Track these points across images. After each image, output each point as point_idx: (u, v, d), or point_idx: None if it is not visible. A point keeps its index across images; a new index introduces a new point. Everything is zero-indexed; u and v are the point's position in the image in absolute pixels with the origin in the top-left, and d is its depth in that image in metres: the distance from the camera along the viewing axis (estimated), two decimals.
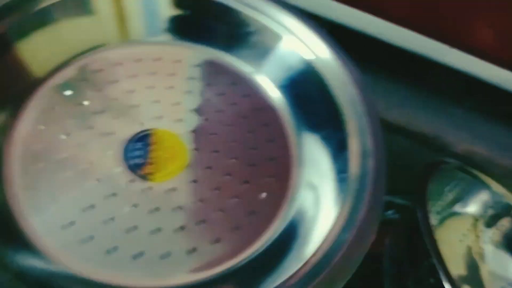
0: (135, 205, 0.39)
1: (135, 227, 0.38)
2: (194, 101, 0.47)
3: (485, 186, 0.61)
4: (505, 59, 0.67)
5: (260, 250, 0.39)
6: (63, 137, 0.41)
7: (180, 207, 0.40)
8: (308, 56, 0.51)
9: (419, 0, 0.66)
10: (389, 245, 0.55)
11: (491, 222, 0.61)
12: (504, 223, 0.61)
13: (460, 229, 0.61)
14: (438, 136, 0.77)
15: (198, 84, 0.49)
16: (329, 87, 0.48)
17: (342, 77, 0.48)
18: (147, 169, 0.41)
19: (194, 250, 0.38)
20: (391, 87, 0.83)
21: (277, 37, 0.52)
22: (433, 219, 0.59)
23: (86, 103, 0.44)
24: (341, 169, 0.43)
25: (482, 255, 0.59)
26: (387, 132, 0.78)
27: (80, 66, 0.46)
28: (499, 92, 0.72)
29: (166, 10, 0.51)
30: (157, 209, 0.39)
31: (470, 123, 0.81)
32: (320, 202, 0.43)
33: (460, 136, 0.78)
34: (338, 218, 0.39)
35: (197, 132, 0.45)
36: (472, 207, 0.61)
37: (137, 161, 0.41)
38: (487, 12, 0.65)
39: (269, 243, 0.40)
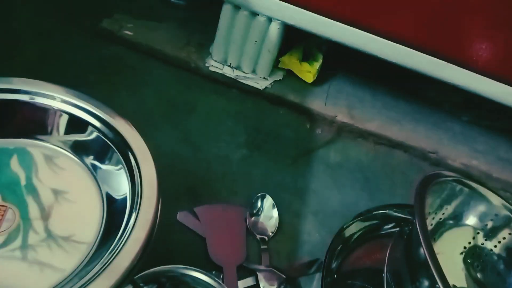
0: None
1: None
2: None
3: (484, 198, 0.61)
4: (502, 74, 0.68)
5: None
6: None
7: None
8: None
9: (419, 19, 0.68)
10: (389, 258, 0.55)
11: (491, 234, 0.62)
12: (505, 235, 0.62)
13: (460, 241, 0.61)
14: (437, 151, 0.78)
15: None
16: None
17: None
18: None
19: None
20: (390, 103, 0.84)
21: None
22: (433, 232, 0.60)
23: None
24: None
25: (482, 268, 0.60)
26: (387, 146, 0.79)
27: None
28: (497, 106, 0.73)
29: None
30: None
31: (468, 137, 0.82)
32: None
33: (459, 150, 0.79)
34: None
35: None
36: (472, 220, 0.62)
37: None
38: (485, 29, 0.66)
39: None
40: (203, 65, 0.79)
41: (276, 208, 0.62)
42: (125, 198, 0.42)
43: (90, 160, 0.47)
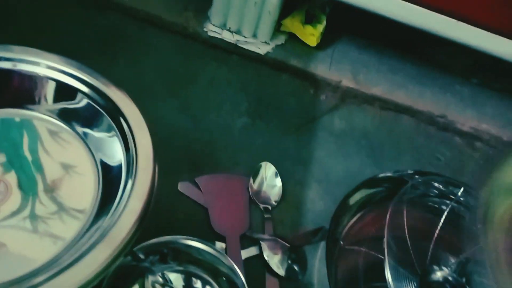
0: None
1: None
2: None
3: None
4: None
5: None
6: None
7: None
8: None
9: None
10: (389, 224, 0.55)
11: None
12: None
13: None
14: (445, 115, 0.75)
15: None
16: None
17: None
18: None
19: None
20: (396, 66, 0.81)
21: None
22: None
23: None
24: None
25: None
26: (393, 111, 0.77)
27: None
28: (507, 66, 0.70)
29: None
30: None
31: (477, 100, 0.79)
32: None
33: (467, 114, 0.77)
34: None
35: None
36: None
37: None
38: None
39: None
40: (202, 30, 0.76)
41: (279, 177, 0.61)
42: (120, 166, 0.41)
43: (81, 127, 0.45)
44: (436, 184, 0.57)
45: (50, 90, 0.46)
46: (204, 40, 0.76)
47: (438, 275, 0.50)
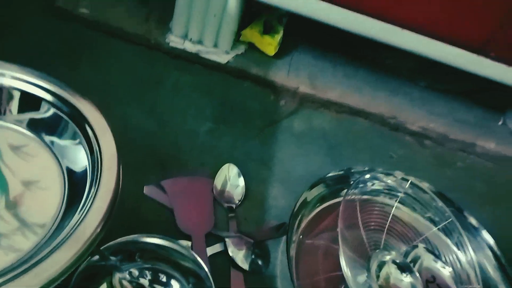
0: None
1: None
2: None
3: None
4: (454, 37, 0.71)
5: None
6: None
7: None
8: None
9: None
10: (341, 217, 0.58)
11: None
12: None
13: None
14: (395, 116, 0.81)
15: None
16: None
17: None
18: None
19: None
20: (350, 72, 0.86)
21: None
22: None
23: None
24: None
25: None
26: (348, 114, 0.82)
27: None
28: (451, 70, 0.76)
29: None
30: None
31: (425, 101, 0.85)
32: None
33: (417, 114, 0.82)
34: None
35: None
36: None
37: None
38: None
39: None
40: (164, 41, 0.78)
41: (242, 177, 0.64)
42: (86, 171, 0.43)
43: (47, 136, 0.47)
44: (384, 179, 0.61)
45: (15, 100, 0.47)
46: (167, 51, 0.79)
47: (387, 258, 0.54)
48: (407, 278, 0.54)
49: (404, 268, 0.54)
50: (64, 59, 0.73)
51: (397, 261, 0.54)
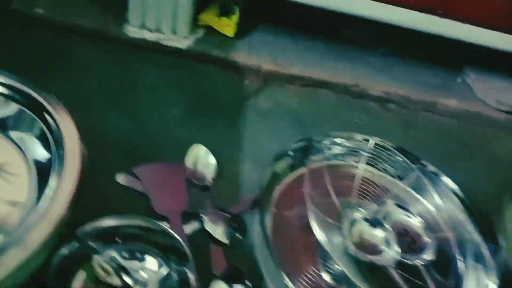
0: None
1: None
2: None
3: None
4: (407, 1, 0.73)
5: None
6: None
7: None
8: None
9: None
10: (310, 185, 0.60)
11: None
12: None
13: None
14: (357, 84, 0.83)
15: None
16: None
17: None
18: None
19: None
20: (310, 47, 0.88)
21: None
22: None
23: None
24: None
25: None
26: (312, 87, 0.84)
27: None
28: (411, 35, 0.79)
29: None
30: None
31: (386, 67, 0.88)
32: None
33: (378, 81, 0.85)
34: None
35: None
36: None
37: None
38: None
39: None
40: (122, 32, 0.79)
41: (211, 155, 0.65)
42: (51, 159, 0.43)
43: (11, 131, 0.47)
44: (346, 143, 0.63)
45: None
46: (126, 42, 0.79)
47: (358, 216, 0.56)
48: (379, 232, 0.56)
49: (375, 223, 0.56)
50: (22, 60, 0.73)
51: (367, 217, 0.56)
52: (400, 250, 0.54)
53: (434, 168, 0.64)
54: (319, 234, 0.54)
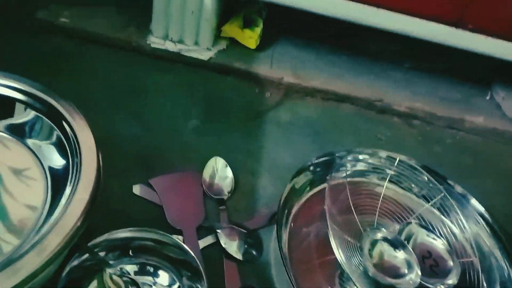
0: None
1: None
2: None
3: None
4: (429, 12, 0.71)
5: None
6: None
7: None
8: None
9: None
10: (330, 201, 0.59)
11: None
12: None
13: None
14: (381, 99, 0.81)
15: None
16: None
17: None
18: None
19: None
20: (333, 60, 0.87)
21: None
22: None
23: None
24: None
25: None
26: (333, 101, 0.82)
27: None
28: (436, 49, 0.76)
29: None
30: None
31: (410, 82, 0.86)
32: None
33: (402, 96, 0.82)
34: None
35: None
36: None
37: None
38: None
39: None
40: (145, 43, 0.79)
41: (229, 168, 0.64)
42: (67, 167, 0.43)
43: (28, 138, 0.47)
44: (370, 160, 0.61)
45: None
46: (148, 53, 0.79)
47: (379, 236, 0.54)
48: (400, 254, 0.54)
49: (396, 244, 0.54)
50: (46, 69, 0.74)
51: (389, 237, 0.54)
52: (421, 274, 0.52)
53: (461, 189, 0.61)
54: (338, 253, 0.52)
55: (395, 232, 0.56)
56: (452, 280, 0.52)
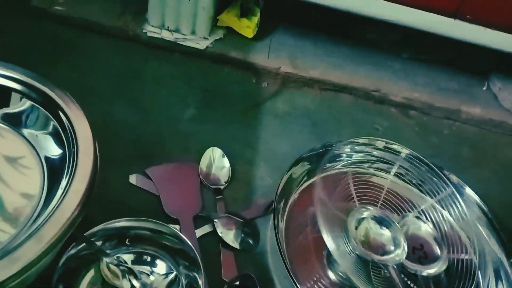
0: None
1: None
2: None
3: None
4: (428, 3, 0.70)
5: None
6: None
7: None
8: None
9: None
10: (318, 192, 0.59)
11: None
12: None
13: None
14: (379, 89, 0.81)
15: None
16: None
17: None
18: None
19: None
20: (331, 50, 0.86)
21: None
22: None
23: None
24: None
25: None
26: (331, 91, 0.82)
27: None
28: (434, 39, 0.76)
29: None
30: None
31: (408, 72, 0.85)
32: None
33: (400, 86, 0.82)
34: None
35: None
36: None
37: None
38: None
39: None
40: (141, 32, 0.78)
41: (226, 158, 0.64)
42: (63, 157, 0.43)
43: (24, 128, 0.47)
44: (367, 149, 0.61)
45: None
46: (145, 41, 0.79)
47: (365, 214, 0.54)
48: (386, 232, 0.53)
49: (382, 221, 0.54)
50: (42, 57, 0.73)
51: (376, 215, 0.54)
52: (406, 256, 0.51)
53: (456, 179, 0.62)
54: (326, 235, 0.51)
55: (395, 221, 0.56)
56: (434, 270, 0.52)
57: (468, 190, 0.61)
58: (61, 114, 0.45)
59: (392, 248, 0.52)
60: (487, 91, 0.86)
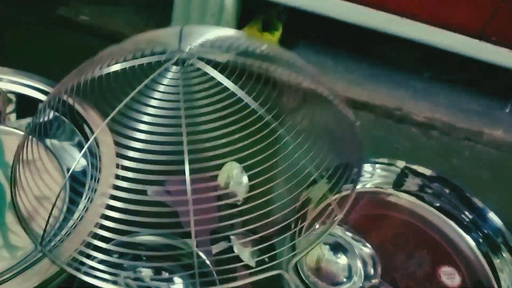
0: None
1: None
2: None
3: None
4: (453, 23, 0.70)
5: None
6: None
7: None
8: None
9: None
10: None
11: None
12: None
13: None
14: (400, 108, 0.80)
15: None
16: None
17: None
18: None
19: None
20: (352, 66, 0.86)
21: None
22: None
23: None
24: None
25: None
26: (352, 108, 0.81)
27: None
28: (457, 60, 0.75)
29: None
30: None
31: (430, 92, 0.84)
32: None
33: (421, 106, 0.81)
34: None
35: None
36: None
37: None
38: None
39: None
40: None
41: (245, 174, 0.64)
42: (86, 170, 0.43)
43: (49, 139, 0.47)
44: (385, 172, 0.60)
45: (13, 104, 0.48)
46: None
47: None
48: (342, 260, 0.51)
49: (338, 248, 0.52)
50: (67, 67, 0.74)
51: (330, 242, 0.52)
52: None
53: (480, 203, 0.60)
54: None
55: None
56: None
57: (491, 215, 0.60)
58: (85, 126, 0.45)
59: (344, 279, 0.50)
60: (510, 113, 0.85)
